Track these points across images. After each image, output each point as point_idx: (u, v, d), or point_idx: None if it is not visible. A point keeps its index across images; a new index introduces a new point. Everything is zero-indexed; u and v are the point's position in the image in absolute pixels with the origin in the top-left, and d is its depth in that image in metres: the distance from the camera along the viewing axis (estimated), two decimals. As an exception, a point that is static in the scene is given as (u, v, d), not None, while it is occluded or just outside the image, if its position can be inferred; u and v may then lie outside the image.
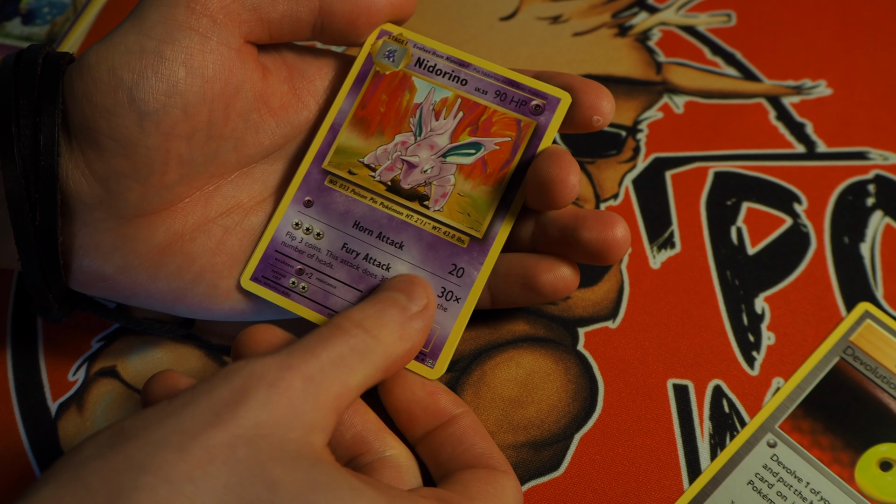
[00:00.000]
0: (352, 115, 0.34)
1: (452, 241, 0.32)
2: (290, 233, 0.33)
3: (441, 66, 0.34)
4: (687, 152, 0.42)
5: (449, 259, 0.32)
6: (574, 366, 0.37)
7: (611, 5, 0.48)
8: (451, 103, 0.33)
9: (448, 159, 0.33)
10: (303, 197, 0.33)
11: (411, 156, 0.33)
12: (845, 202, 0.41)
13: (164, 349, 0.38)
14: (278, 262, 0.33)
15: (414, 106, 0.34)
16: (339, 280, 0.32)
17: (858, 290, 0.38)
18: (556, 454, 0.35)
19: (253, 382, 0.25)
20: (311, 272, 0.33)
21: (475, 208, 0.32)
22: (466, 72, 0.34)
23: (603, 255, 0.32)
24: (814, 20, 0.47)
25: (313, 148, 0.34)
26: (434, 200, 0.33)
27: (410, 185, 0.33)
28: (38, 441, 0.36)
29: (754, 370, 0.36)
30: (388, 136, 0.34)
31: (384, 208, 0.33)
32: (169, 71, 0.30)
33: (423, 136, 0.33)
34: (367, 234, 0.33)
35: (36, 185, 0.30)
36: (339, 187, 0.33)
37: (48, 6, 0.50)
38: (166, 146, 0.31)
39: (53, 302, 0.33)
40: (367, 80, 0.34)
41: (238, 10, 0.31)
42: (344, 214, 0.33)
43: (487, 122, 0.33)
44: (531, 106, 0.33)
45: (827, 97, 0.44)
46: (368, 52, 0.34)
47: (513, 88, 0.33)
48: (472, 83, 0.33)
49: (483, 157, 0.33)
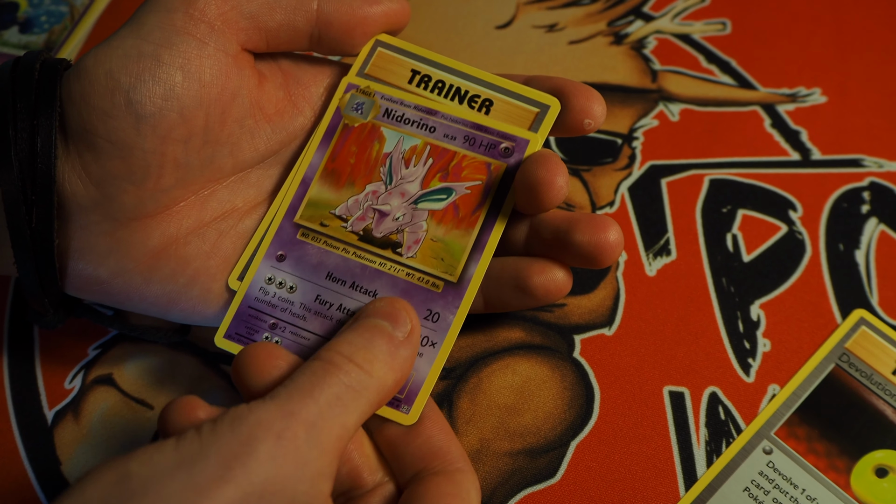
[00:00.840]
0: (322, 167, 0.34)
1: (427, 286, 0.32)
2: (263, 288, 0.33)
3: (409, 115, 0.34)
4: (682, 160, 0.43)
5: (424, 305, 0.32)
6: (570, 373, 0.37)
7: (606, 14, 0.48)
8: (420, 151, 0.33)
9: (419, 206, 0.33)
10: (275, 252, 0.33)
11: (383, 204, 0.33)
12: (840, 209, 0.41)
13: (161, 357, 0.38)
14: (252, 318, 0.32)
15: (384, 155, 0.34)
16: (313, 332, 0.32)
17: (853, 297, 0.38)
18: (553, 461, 0.35)
19: (259, 433, 0.25)
20: (284, 326, 0.32)
21: (449, 253, 0.32)
22: (434, 119, 0.34)
23: (596, 259, 0.32)
24: (808, 28, 0.47)
25: (284, 202, 0.34)
26: (407, 247, 0.32)
27: (383, 233, 0.33)
28: (35, 449, 0.36)
29: (750, 377, 0.36)
30: (358, 187, 0.34)
31: (357, 258, 0.33)
32: (166, 75, 0.30)
33: (393, 184, 0.33)
34: (340, 285, 0.32)
35: (33, 187, 0.30)
36: (312, 240, 0.33)
37: (46, 15, 0.50)
38: (162, 150, 0.31)
39: (49, 307, 0.33)
40: (337, 132, 0.34)
41: (236, 18, 0.32)
42: (317, 266, 0.33)
43: (457, 167, 0.33)
44: (500, 149, 0.33)
45: (822, 105, 0.44)
46: (337, 107, 0.34)
47: (481, 133, 0.33)
48: (441, 130, 0.34)
49: (455, 201, 0.33)
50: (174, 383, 0.37)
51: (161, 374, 0.37)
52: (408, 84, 0.34)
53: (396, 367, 0.29)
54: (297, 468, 0.25)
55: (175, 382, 0.37)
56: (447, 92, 0.34)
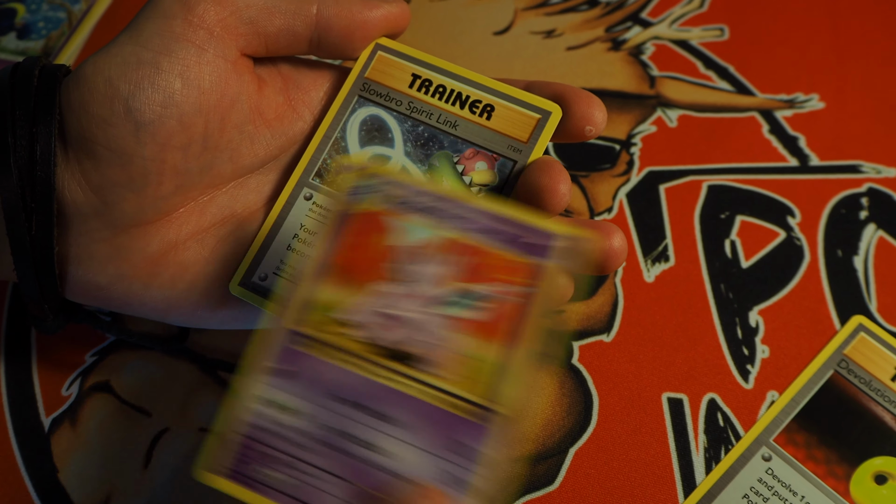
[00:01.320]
0: (319, 260, 0.28)
1: (457, 412, 0.25)
2: (253, 410, 0.26)
3: (421, 202, 0.28)
4: (680, 166, 0.43)
5: (450, 434, 0.25)
6: (569, 380, 0.37)
7: (604, 20, 0.48)
8: (436, 245, 0.27)
9: (439, 311, 0.27)
10: (268, 366, 0.27)
11: (392, 308, 0.27)
12: (838, 215, 0.41)
13: (159, 364, 0.37)
14: (245, 447, 0.26)
15: (391, 249, 0.27)
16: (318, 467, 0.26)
17: (852, 303, 0.38)
18: (551, 468, 0.35)
19: None
20: (282, 457, 0.26)
21: (482, 370, 0.26)
22: (450, 207, 0.28)
23: (601, 265, 0.32)
24: (806, 34, 0.47)
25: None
26: (428, 361, 0.26)
27: (395, 343, 0.26)
28: (31, 456, 0.36)
29: (749, 383, 0.36)
30: (363, 286, 0.27)
31: (365, 372, 0.26)
32: (165, 82, 0.30)
33: (404, 284, 0.27)
34: (346, 406, 0.26)
35: (32, 195, 0.30)
36: (309, 349, 0.27)
37: (43, 21, 0.50)
38: (162, 157, 0.31)
39: (48, 312, 0.33)
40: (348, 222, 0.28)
41: (235, 24, 0.32)
42: (315, 382, 0.26)
43: (483, 265, 0.27)
44: (530, 244, 0.27)
45: (819, 111, 0.44)
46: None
47: (506, 226, 0.27)
48: (461, 220, 0.27)
49: (484, 306, 0.26)
50: (172, 390, 0.37)
51: (159, 381, 0.37)
52: (408, 88, 0.34)
53: None
54: None
55: (173, 389, 0.37)
56: (448, 97, 0.34)
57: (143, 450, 0.35)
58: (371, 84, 0.34)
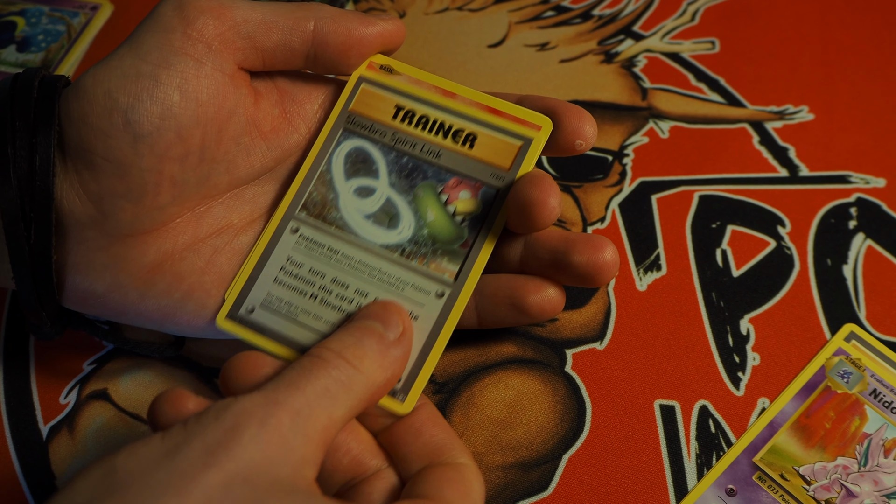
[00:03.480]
0: (795, 419, 0.34)
1: None
2: None
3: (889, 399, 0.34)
4: (672, 176, 0.43)
5: None
6: (562, 387, 0.37)
7: (597, 33, 0.49)
8: None
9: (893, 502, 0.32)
10: (726, 483, 0.33)
11: (852, 484, 0.32)
12: (828, 225, 0.41)
13: (156, 372, 0.38)
14: None
15: (863, 434, 0.34)
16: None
17: (841, 312, 0.39)
18: (545, 475, 0.35)
19: (243, 420, 0.25)
20: None
21: None
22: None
23: (593, 278, 0.33)
24: (795, 48, 0.48)
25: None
26: None
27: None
28: (29, 464, 0.36)
29: (740, 391, 0.37)
30: (829, 454, 0.34)
31: None
32: (164, 95, 0.31)
33: (868, 468, 0.33)
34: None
35: (31, 204, 0.31)
36: (767, 486, 0.33)
37: (43, 34, 0.50)
38: (159, 168, 0.31)
39: (46, 320, 0.33)
40: (817, 391, 0.35)
41: (233, 38, 0.32)
42: None
43: None
44: None
45: (809, 122, 0.45)
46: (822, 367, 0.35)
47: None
48: None
49: None
50: (169, 398, 0.37)
51: (156, 389, 0.37)
52: (392, 119, 0.34)
53: (386, 366, 0.29)
54: (281, 453, 0.25)
55: (170, 397, 0.37)
56: (431, 127, 0.34)
57: (141, 457, 0.36)
58: (355, 116, 0.35)
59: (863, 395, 0.34)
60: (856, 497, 0.32)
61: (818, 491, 0.33)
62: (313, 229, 0.33)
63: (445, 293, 0.32)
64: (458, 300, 0.32)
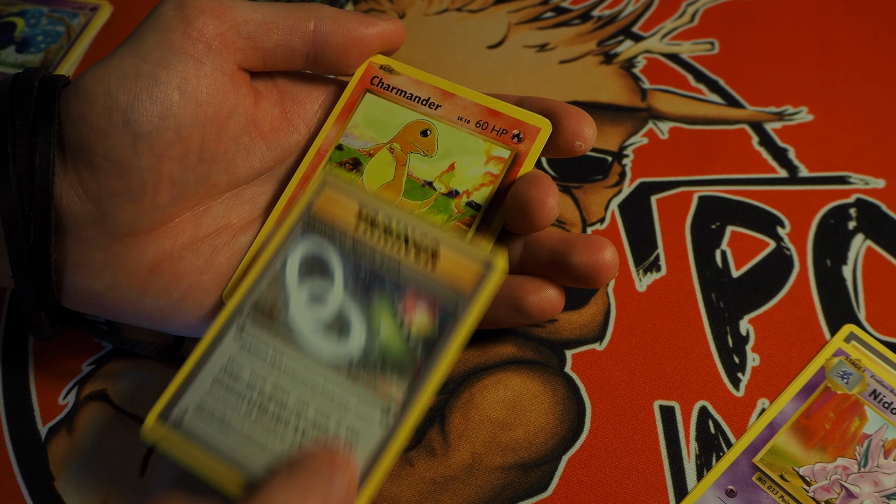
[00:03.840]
0: (794, 420, 0.34)
1: None
2: None
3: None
4: (672, 177, 0.43)
5: None
6: (561, 388, 0.37)
7: (596, 34, 0.49)
8: None
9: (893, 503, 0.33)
10: (726, 484, 0.33)
11: (852, 485, 0.33)
12: (827, 226, 0.41)
13: (155, 372, 0.38)
14: None
15: (863, 435, 0.34)
16: None
17: (841, 312, 0.39)
18: (544, 475, 0.35)
19: None
20: None
21: None
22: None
23: (593, 279, 0.33)
24: (795, 48, 0.48)
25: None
26: None
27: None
28: (28, 464, 0.36)
29: (739, 391, 0.37)
30: (829, 455, 0.34)
31: None
32: (163, 94, 0.31)
33: (868, 468, 0.33)
34: None
35: (31, 203, 0.31)
36: (767, 487, 0.33)
37: (42, 35, 0.50)
38: (159, 167, 0.31)
39: (45, 319, 0.33)
40: (817, 391, 0.35)
41: (233, 38, 0.32)
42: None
43: None
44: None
45: (808, 123, 0.45)
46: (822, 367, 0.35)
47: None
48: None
49: None
50: (168, 399, 0.37)
51: (155, 389, 0.37)
52: (354, 223, 0.31)
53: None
54: None
55: (169, 398, 0.37)
56: (394, 238, 0.31)
57: (140, 458, 0.36)
58: (317, 218, 0.32)
59: (862, 396, 0.34)
60: (855, 498, 0.32)
61: (818, 492, 0.33)
62: (259, 330, 0.31)
63: (390, 416, 0.29)
64: (403, 424, 0.29)
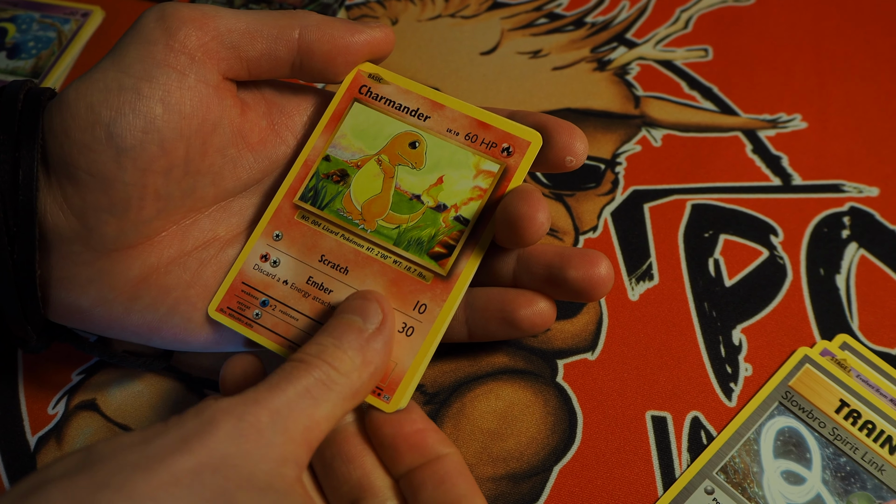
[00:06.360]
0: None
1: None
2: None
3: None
4: (665, 185, 0.43)
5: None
6: (553, 398, 0.37)
7: (590, 40, 0.48)
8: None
9: None
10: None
11: None
12: (821, 234, 0.41)
13: (145, 382, 0.38)
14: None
15: None
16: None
17: (834, 321, 0.38)
18: (536, 486, 0.35)
19: (220, 416, 0.26)
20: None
21: None
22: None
23: (588, 293, 0.33)
24: (789, 56, 0.48)
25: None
26: None
27: None
28: (17, 474, 0.36)
29: (732, 401, 0.37)
30: None
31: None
32: (146, 108, 0.31)
33: None
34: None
35: (14, 219, 0.30)
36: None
37: (33, 41, 0.50)
38: (143, 181, 0.31)
39: (32, 333, 0.33)
40: None
41: (216, 49, 0.32)
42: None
43: None
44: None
45: (802, 131, 0.45)
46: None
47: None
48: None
49: None
50: (158, 408, 0.37)
51: (145, 399, 0.37)
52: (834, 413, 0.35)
53: (368, 361, 0.29)
54: (259, 448, 0.25)
55: (158, 408, 0.37)
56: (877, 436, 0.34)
57: (129, 469, 0.35)
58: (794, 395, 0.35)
59: None
60: None
61: None
62: (729, 498, 0.33)
63: None
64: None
